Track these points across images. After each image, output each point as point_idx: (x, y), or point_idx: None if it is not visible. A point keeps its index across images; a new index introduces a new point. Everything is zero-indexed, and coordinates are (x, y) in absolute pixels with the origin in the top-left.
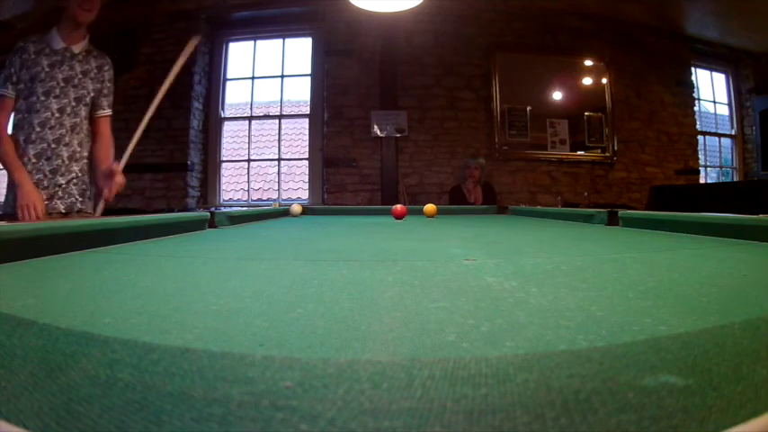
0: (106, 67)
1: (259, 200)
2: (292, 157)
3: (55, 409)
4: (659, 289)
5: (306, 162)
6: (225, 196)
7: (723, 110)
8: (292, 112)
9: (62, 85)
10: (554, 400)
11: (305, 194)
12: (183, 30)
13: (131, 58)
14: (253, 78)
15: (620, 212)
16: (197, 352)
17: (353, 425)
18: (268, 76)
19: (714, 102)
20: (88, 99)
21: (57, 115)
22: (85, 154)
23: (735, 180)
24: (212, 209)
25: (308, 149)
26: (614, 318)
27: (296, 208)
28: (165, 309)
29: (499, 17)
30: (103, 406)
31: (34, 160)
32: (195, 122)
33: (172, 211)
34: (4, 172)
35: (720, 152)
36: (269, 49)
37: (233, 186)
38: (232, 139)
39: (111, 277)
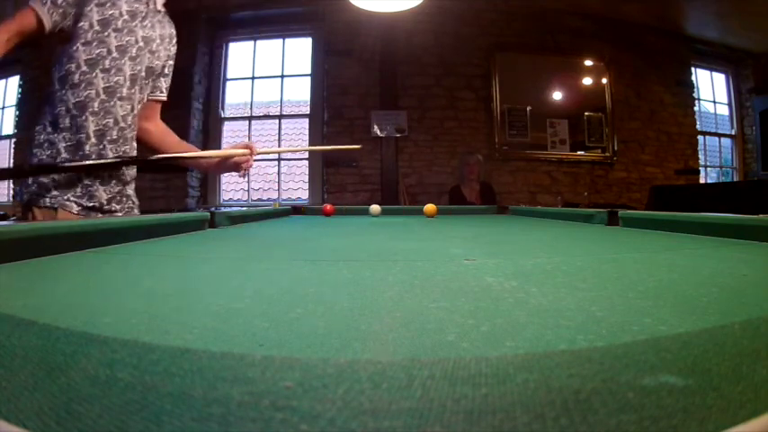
0: (174, 41)
1: (259, 200)
2: (292, 158)
3: (55, 409)
4: (659, 289)
5: (306, 162)
6: (225, 196)
7: (723, 110)
8: (292, 112)
9: (140, 45)
10: (554, 400)
11: (305, 194)
12: (183, 30)
13: None
14: (253, 78)
15: (620, 212)
16: (197, 352)
17: (353, 425)
18: (268, 76)
19: (714, 102)
20: (156, 74)
21: (128, 84)
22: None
23: (735, 180)
24: (212, 209)
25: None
26: (614, 318)
27: (376, 207)
28: (165, 309)
29: (499, 17)
30: (103, 406)
31: (94, 140)
32: (195, 122)
33: (172, 211)
34: None
35: (720, 152)
36: (269, 49)
37: (233, 186)
38: (232, 139)
39: (111, 277)
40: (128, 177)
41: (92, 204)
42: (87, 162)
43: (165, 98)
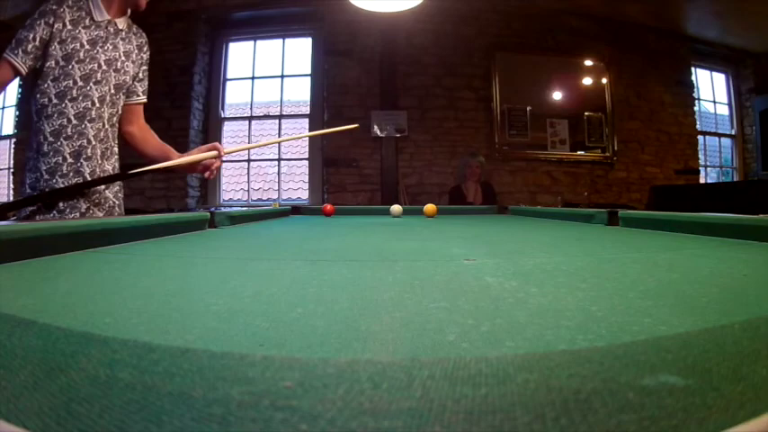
0: (145, 48)
1: (259, 200)
2: (292, 158)
3: (55, 409)
4: (659, 289)
5: (306, 162)
6: (225, 196)
7: (723, 110)
8: (292, 113)
9: (104, 68)
10: (554, 400)
11: (305, 194)
12: (183, 30)
13: None
14: (253, 78)
15: (620, 212)
16: (197, 352)
17: (353, 425)
18: (268, 76)
19: (714, 102)
20: (126, 87)
21: (97, 105)
22: (117, 150)
23: (735, 180)
24: (212, 209)
25: (307, 149)
26: (614, 318)
27: (397, 208)
28: (165, 309)
29: (499, 17)
30: (103, 406)
31: (71, 160)
32: (195, 122)
33: (172, 211)
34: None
35: (720, 152)
36: (269, 49)
37: (233, 186)
38: (232, 139)
39: (111, 277)
40: (102, 185)
41: (74, 215)
42: (71, 185)
43: (143, 100)
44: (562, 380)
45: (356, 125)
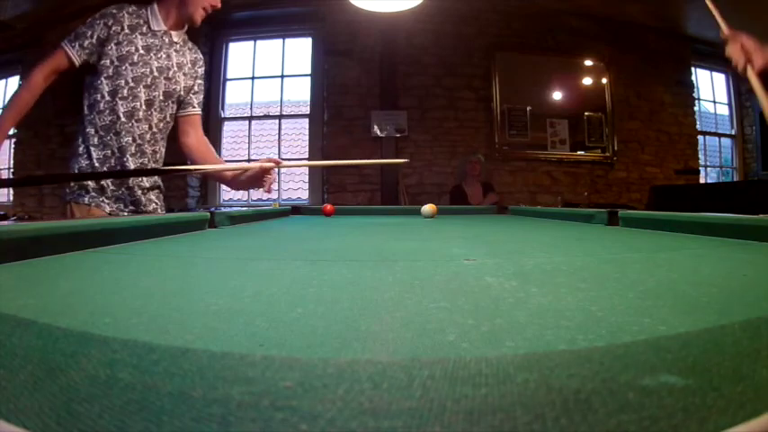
0: (200, 63)
1: (259, 200)
2: (292, 157)
3: (55, 409)
4: (659, 289)
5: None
6: (225, 196)
7: (723, 110)
8: (292, 112)
9: (155, 74)
10: (554, 400)
11: (305, 194)
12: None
13: None
14: (253, 78)
15: (620, 212)
16: (197, 352)
17: (353, 425)
18: (268, 76)
19: (714, 102)
20: (176, 97)
21: (144, 108)
22: (160, 156)
23: (735, 180)
24: (212, 209)
25: (307, 149)
26: (614, 318)
27: (428, 208)
28: (165, 309)
29: (499, 17)
30: (103, 406)
31: (118, 154)
32: None
33: (172, 211)
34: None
35: (720, 152)
36: (269, 49)
37: None
38: (232, 138)
39: (111, 277)
40: (146, 184)
41: (117, 206)
42: (117, 171)
43: (198, 112)
44: (562, 380)
45: (406, 160)
